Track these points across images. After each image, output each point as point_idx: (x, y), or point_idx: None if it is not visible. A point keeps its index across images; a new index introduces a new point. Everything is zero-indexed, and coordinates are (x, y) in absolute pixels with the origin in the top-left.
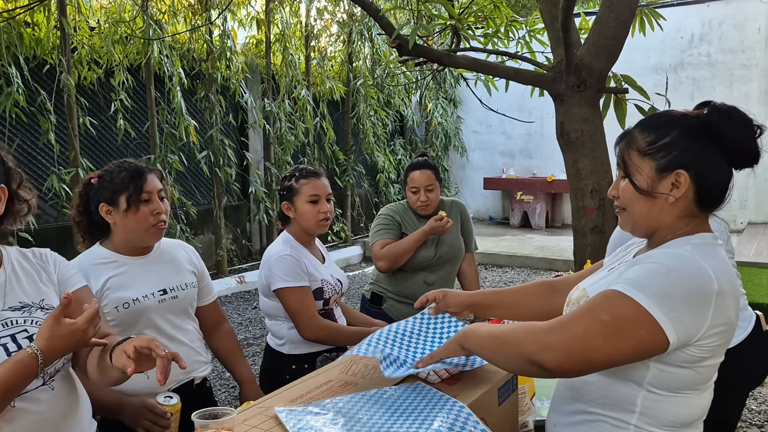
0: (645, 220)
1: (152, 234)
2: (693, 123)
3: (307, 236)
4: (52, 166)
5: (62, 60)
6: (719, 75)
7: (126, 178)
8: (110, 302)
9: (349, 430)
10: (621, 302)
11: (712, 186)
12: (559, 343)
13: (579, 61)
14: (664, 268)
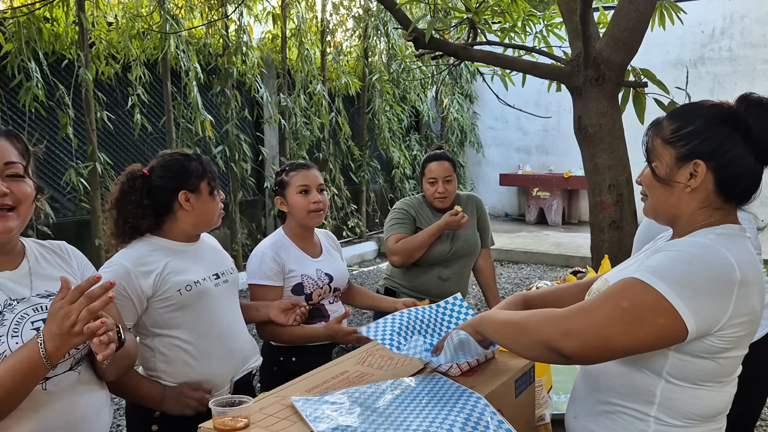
0: (664, 207)
1: (219, 220)
2: (719, 113)
3: (303, 230)
4: (70, 160)
5: (80, 55)
6: (741, 70)
7: (201, 165)
8: (172, 285)
9: (365, 419)
10: (640, 290)
11: (734, 178)
12: (579, 329)
13: (597, 54)
14: (686, 256)
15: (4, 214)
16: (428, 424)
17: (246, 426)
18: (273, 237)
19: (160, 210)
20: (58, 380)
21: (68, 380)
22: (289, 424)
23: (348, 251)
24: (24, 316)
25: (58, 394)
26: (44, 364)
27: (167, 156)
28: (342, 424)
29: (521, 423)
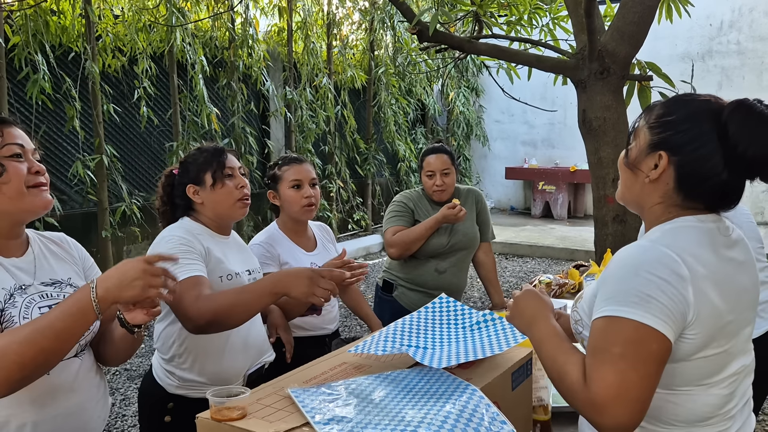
0: (629, 193)
1: (239, 208)
2: (704, 109)
3: (296, 224)
4: (77, 152)
5: (87, 48)
6: (749, 63)
7: (208, 156)
8: (214, 270)
9: (361, 410)
10: (618, 328)
11: (695, 178)
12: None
13: (602, 48)
14: (631, 270)
15: (45, 190)
16: (423, 415)
17: (243, 416)
18: (267, 231)
19: (185, 205)
20: (61, 366)
21: (72, 367)
22: (285, 414)
23: (353, 244)
24: (31, 301)
25: (60, 380)
26: (94, 309)
27: (189, 153)
28: (338, 415)
29: (518, 415)
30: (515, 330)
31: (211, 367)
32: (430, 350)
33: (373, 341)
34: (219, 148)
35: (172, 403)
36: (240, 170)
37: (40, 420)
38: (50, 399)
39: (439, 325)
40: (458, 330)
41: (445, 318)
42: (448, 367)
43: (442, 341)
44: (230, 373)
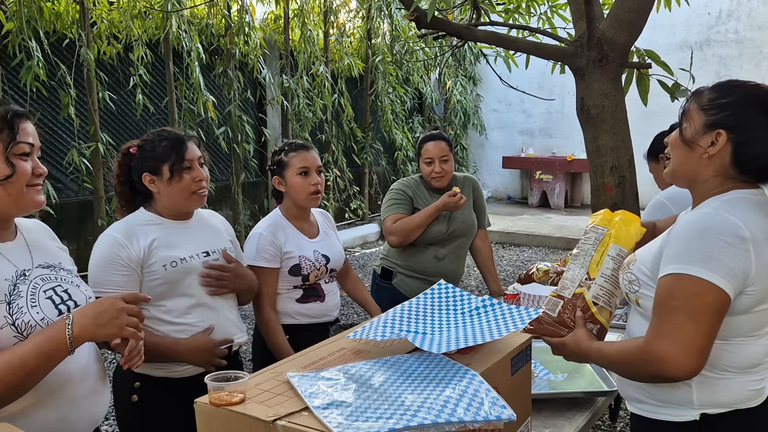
0: (683, 169)
1: (195, 200)
2: (755, 94)
3: (300, 210)
4: (72, 140)
5: (82, 34)
6: (747, 53)
7: (167, 147)
8: (158, 260)
9: (360, 395)
10: (680, 284)
11: (751, 155)
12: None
13: (601, 35)
14: (696, 233)
15: (40, 190)
16: (423, 399)
17: (242, 401)
18: (270, 218)
19: (140, 190)
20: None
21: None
22: (284, 399)
23: (350, 233)
24: (35, 287)
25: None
26: (67, 346)
27: (148, 135)
28: (337, 400)
29: (517, 400)
30: (515, 315)
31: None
32: (429, 335)
33: (372, 327)
34: (179, 138)
35: (138, 383)
36: (200, 160)
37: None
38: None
39: (438, 310)
40: (457, 315)
41: (444, 303)
42: (447, 353)
43: (441, 327)
44: None
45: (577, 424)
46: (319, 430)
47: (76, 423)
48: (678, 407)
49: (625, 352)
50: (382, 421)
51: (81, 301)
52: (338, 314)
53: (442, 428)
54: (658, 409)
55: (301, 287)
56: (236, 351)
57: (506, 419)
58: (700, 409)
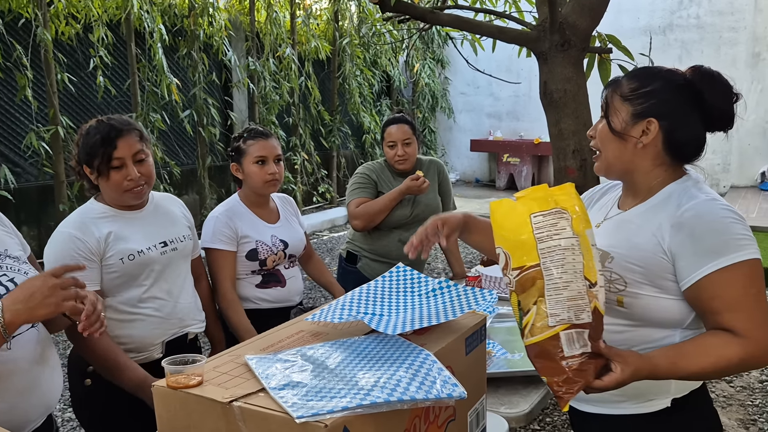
0: (618, 162)
1: (129, 198)
2: (677, 79)
3: (258, 197)
4: (31, 123)
5: (38, 14)
6: (707, 38)
7: (97, 142)
8: (115, 254)
9: (316, 376)
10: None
11: (681, 140)
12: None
13: (563, 20)
14: (718, 222)
15: None
16: (376, 379)
17: (199, 383)
18: (228, 203)
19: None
20: (21, 339)
21: (30, 338)
22: (242, 381)
23: (318, 217)
24: None
25: (21, 352)
26: (1, 333)
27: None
28: (293, 381)
29: (472, 379)
30: (470, 296)
31: (124, 337)
32: (386, 317)
33: (330, 309)
34: (110, 135)
35: (91, 367)
36: (137, 156)
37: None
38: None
39: (396, 292)
40: (414, 297)
41: (402, 286)
42: (403, 334)
43: (398, 308)
44: (144, 342)
45: (532, 400)
46: (274, 409)
47: (28, 411)
48: (651, 399)
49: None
50: (336, 401)
51: None
52: (301, 298)
53: (394, 406)
54: (625, 404)
55: (259, 272)
56: (194, 339)
57: (457, 397)
58: (673, 395)
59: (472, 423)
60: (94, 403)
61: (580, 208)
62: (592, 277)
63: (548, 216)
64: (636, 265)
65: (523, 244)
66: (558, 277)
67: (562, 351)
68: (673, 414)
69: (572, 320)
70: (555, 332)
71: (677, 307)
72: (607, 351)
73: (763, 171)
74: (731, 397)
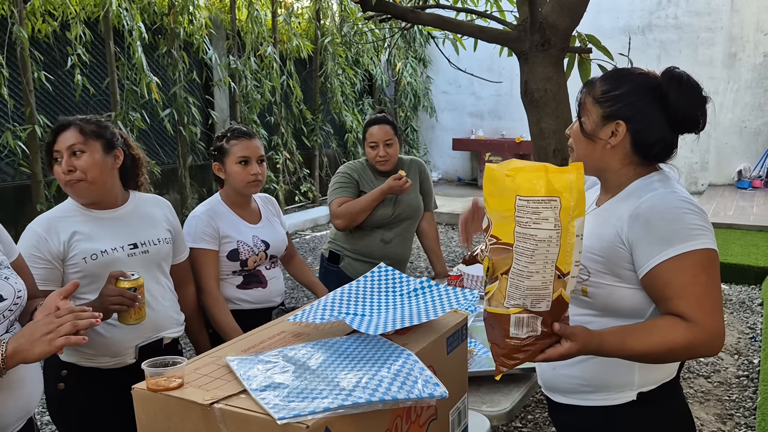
0: (589, 161)
1: (70, 192)
2: (646, 82)
3: (240, 197)
4: (6, 122)
5: (14, 11)
6: (685, 38)
7: (50, 135)
8: (78, 253)
9: (298, 377)
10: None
11: (649, 141)
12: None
13: (543, 20)
14: (673, 212)
15: None
16: (358, 379)
17: (180, 386)
18: (209, 203)
19: None
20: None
21: None
22: (223, 383)
23: (301, 216)
24: None
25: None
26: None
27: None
28: (275, 382)
29: (453, 378)
30: (451, 296)
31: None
32: (367, 317)
33: (311, 310)
34: (56, 126)
35: (65, 371)
36: (73, 148)
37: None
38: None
39: (377, 292)
40: (395, 297)
41: (384, 286)
42: (384, 334)
43: (380, 308)
44: (117, 347)
45: (513, 398)
46: (256, 411)
47: (5, 415)
48: (616, 391)
49: (672, 339)
50: (318, 401)
51: (7, 295)
52: (282, 299)
53: (375, 406)
54: (593, 396)
55: (240, 273)
56: (172, 343)
57: (438, 396)
58: (638, 389)
59: (454, 422)
60: (69, 406)
61: (576, 194)
62: (564, 268)
63: (532, 203)
64: (598, 255)
65: (504, 219)
66: (524, 266)
67: (508, 331)
68: (641, 408)
69: (527, 307)
70: (507, 313)
71: (636, 297)
72: (560, 330)
73: (740, 169)
74: (708, 392)
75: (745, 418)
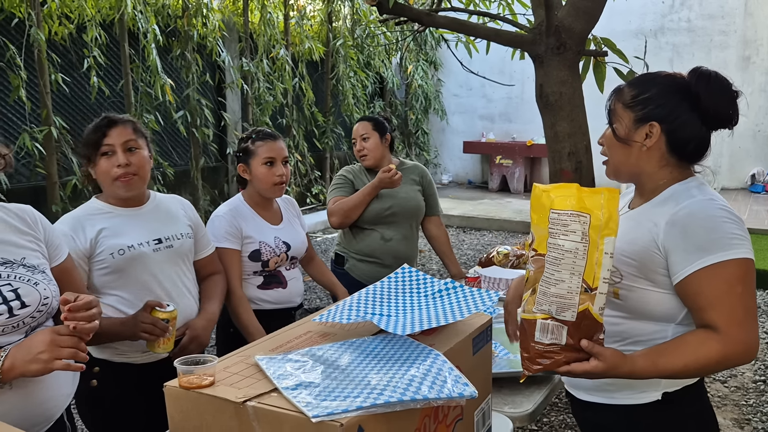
0: (625, 166)
1: (117, 187)
2: (673, 82)
3: (263, 199)
4: (24, 124)
5: (31, 13)
6: (698, 41)
7: (90, 132)
8: (105, 249)
9: (327, 376)
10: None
11: (683, 140)
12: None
13: (559, 23)
14: (711, 220)
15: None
16: (389, 379)
17: (211, 383)
18: (231, 203)
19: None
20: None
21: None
22: (253, 381)
23: (312, 218)
24: None
25: None
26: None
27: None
28: (305, 381)
29: (478, 378)
30: (476, 297)
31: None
32: (393, 318)
33: (337, 310)
34: (99, 125)
35: (97, 367)
36: (127, 144)
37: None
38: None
39: (402, 293)
40: (420, 298)
41: (408, 287)
42: (411, 334)
43: (405, 309)
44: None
45: (535, 400)
46: (289, 409)
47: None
48: (641, 390)
49: (704, 355)
50: (350, 400)
51: (31, 302)
52: (301, 300)
53: (407, 405)
54: (617, 394)
55: (261, 273)
56: None
57: (468, 396)
58: (663, 389)
59: (479, 422)
60: (98, 403)
61: (608, 215)
62: (592, 282)
63: (563, 216)
64: (631, 259)
65: (542, 232)
66: (551, 273)
67: (534, 335)
68: (665, 408)
69: (552, 313)
70: (534, 318)
71: (669, 301)
72: (588, 347)
73: (754, 173)
74: (726, 397)
75: (762, 423)
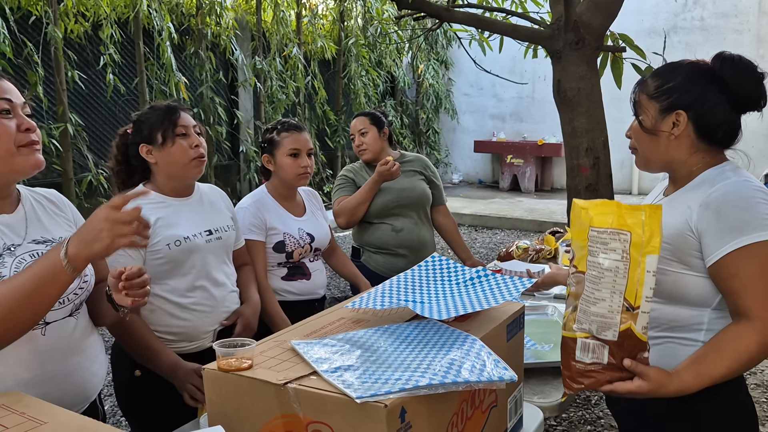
0: (655, 156)
1: (193, 167)
2: (696, 69)
3: (287, 189)
4: (40, 120)
5: (48, 11)
6: (712, 40)
7: (160, 114)
8: (162, 239)
9: (365, 360)
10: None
11: (712, 125)
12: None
13: (578, 18)
14: (745, 201)
15: (37, 149)
16: (429, 362)
17: (250, 367)
18: (255, 195)
19: (142, 168)
20: (56, 326)
21: (67, 327)
22: (291, 365)
23: None
24: (22, 261)
25: (56, 340)
26: (64, 267)
27: (143, 110)
28: (344, 364)
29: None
30: (509, 285)
31: (177, 326)
32: (427, 304)
33: (369, 297)
34: (171, 107)
35: (138, 371)
36: (195, 129)
37: (37, 380)
38: (47, 359)
39: (434, 281)
40: (452, 285)
41: (439, 275)
42: (445, 320)
43: (438, 296)
44: (197, 331)
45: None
46: (331, 391)
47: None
48: None
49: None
50: (392, 382)
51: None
52: (324, 292)
53: (449, 388)
54: None
55: (285, 265)
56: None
57: (508, 380)
58: None
59: (511, 410)
60: (141, 394)
61: (650, 232)
62: (634, 301)
63: (602, 234)
64: (665, 242)
65: (581, 249)
66: (591, 292)
67: (574, 354)
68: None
69: (593, 333)
70: (575, 336)
71: (704, 285)
72: (631, 366)
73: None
74: None
75: None
